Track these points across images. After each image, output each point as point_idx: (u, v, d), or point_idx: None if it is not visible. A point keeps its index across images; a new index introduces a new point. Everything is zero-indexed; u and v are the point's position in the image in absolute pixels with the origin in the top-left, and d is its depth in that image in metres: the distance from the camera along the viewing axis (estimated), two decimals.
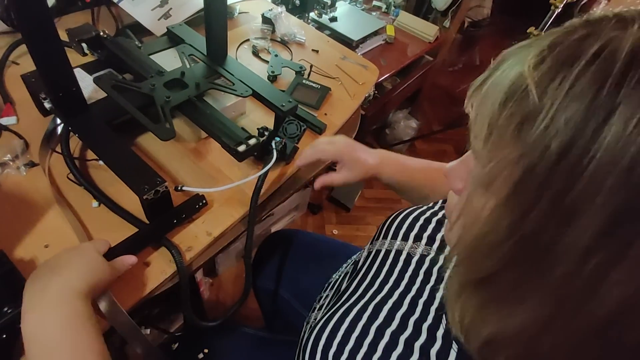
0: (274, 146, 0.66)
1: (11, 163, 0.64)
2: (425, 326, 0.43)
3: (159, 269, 0.58)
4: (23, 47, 0.82)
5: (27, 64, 0.80)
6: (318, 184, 0.68)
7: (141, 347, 0.52)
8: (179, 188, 0.60)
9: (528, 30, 1.22)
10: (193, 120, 0.67)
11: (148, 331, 0.80)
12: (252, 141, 0.63)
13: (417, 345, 0.41)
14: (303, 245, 0.92)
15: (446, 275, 0.50)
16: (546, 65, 0.25)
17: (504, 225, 0.26)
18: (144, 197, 0.55)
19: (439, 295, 0.46)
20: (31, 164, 0.65)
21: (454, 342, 0.40)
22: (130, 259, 0.54)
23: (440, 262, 0.50)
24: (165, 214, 0.60)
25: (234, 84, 0.73)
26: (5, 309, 0.45)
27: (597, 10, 0.27)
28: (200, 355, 0.72)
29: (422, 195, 0.70)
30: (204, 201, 0.64)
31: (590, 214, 0.22)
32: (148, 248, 0.60)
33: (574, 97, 0.23)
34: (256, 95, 0.74)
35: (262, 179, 0.63)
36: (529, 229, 0.25)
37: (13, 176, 0.64)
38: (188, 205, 0.62)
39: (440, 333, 0.42)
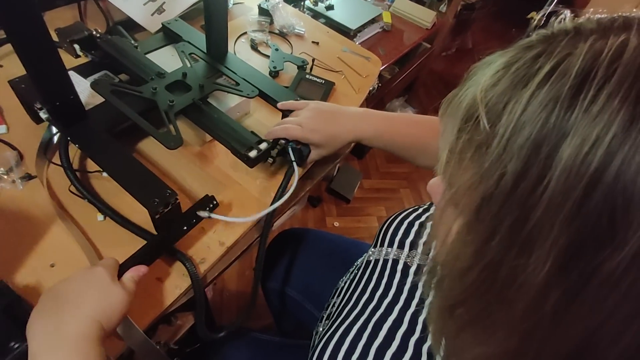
0: (292, 156, 0.62)
1: (5, 177, 0.60)
2: (425, 348, 0.42)
3: (173, 284, 0.56)
4: (6, 47, 0.76)
5: (12, 66, 0.75)
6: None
7: None
8: (208, 216, 0.57)
9: (529, 16, 1.20)
10: (199, 124, 0.63)
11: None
12: (263, 145, 0.60)
13: None
14: (312, 245, 0.91)
15: (419, 247, 0.50)
16: (499, 89, 0.24)
17: (469, 252, 0.26)
18: (155, 212, 0.52)
19: None
20: (28, 177, 0.61)
21: None
22: (139, 271, 0.50)
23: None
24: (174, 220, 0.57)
25: (238, 84, 0.69)
26: (12, 344, 0.42)
27: (562, 20, 0.26)
28: None
29: (411, 156, 0.67)
30: (215, 202, 0.60)
31: (547, 245, 0.21)
32: (160, 263, 0.57)
33: (526, 121, 0.22)
34: (261, 95, 0.70)
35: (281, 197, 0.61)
36: (490, 258, 0.24)
37: (8, 191, 0.60)
38: (198, 208, 0.59)
39: (443, 355, 0.41)
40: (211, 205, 0.60)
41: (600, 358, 0.23)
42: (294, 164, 0.62)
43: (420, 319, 0.45)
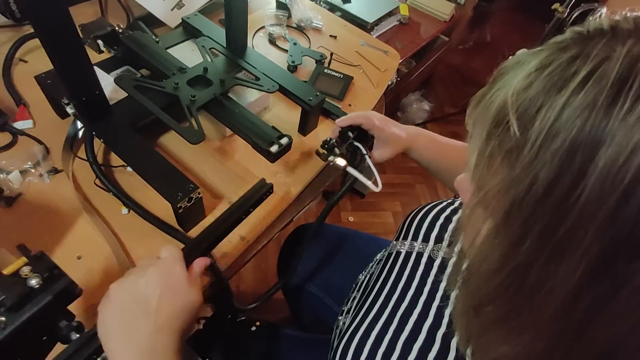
0: (362, 150, 0.63)
1: (33, 170, 0.62)
2: (453, 343, 0.41)
3: None
4: (30, 43, 0.78)
5: (36, 61, 0.76)
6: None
7: None
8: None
9: (553, 7, 1.16)
10: (220, 119, 0.63)
11: None
12: (284, 140, 0.60)
13: None
14: (329, 239, 0.91)
15: (445, 240, 0.50)
16: (531, 93, 0.23)
17: (497, 254, 0.26)
18: (178, 206, 0.53)
19: None
20: (54, 171, 0.62)
21: None
22: (205, 263, 0.48)
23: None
24: (237, 205, 0.56)
25: (258, 79, 0.69)
26: (61, 324, 0.41)
27: (598, 17, 0.25)
28: None
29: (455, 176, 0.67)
30: (271, 189, 0.60)
31: (579, 253, 0.21)
32: None
33: (560, 128, 0.21)
34: (281, 90, 0.70)
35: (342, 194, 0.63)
36: (518, 263, 0.24)
37: (36, 184, 0.61)
38: (255, 193, 0.58)
39: (469, 351, 0.39)
40: (267, 193, 0.61)
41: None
42: (366, 156, 0.63)
43: (447, 313, 0.44)
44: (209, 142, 0.72)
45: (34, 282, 0.38)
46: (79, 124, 0.65)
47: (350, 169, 0.59)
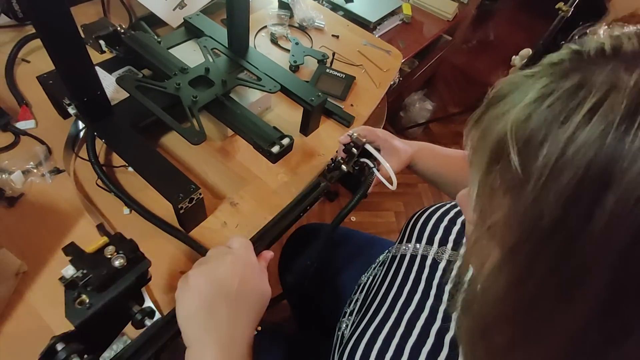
0: (371, 164, 0.62)
1: (35, 170, 0.62)
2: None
3: None
4: (32, 43, 0.78)
5: (39, 61, 0.77)
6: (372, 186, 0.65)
7: None
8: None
9: (557, 6, 1.15)
10: (221, 120, 0.63)
11: None
12: (286, 141, 0.60)
13: None
14: (331, 240, 0.90)
15: (449, 242, 0.50)
16: (532, 124, 0.22)
17: (502, 284, 0.25)
18: (179, 206, 0.53)
19: None
20: (56, 171, 0.62)
21: None
22: (270, 255, 0.49)
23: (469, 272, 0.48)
24: (297, 201, 0.56)
25: (260, 79, 0.69)
26: (134, 309, 0.41)
27: (595, 36, 0.23)
28: None
29: (460, 188, 0.67)
30: (328, 188, 0.60)
31: (587, 293, 0.21)
32: (182, 257, 0.58)
33: (565, 165, 0.20)
34: (283, 90, 0.70)
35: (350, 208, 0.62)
36: (525, 295, 0.24)
37: (38, 184, 0.61)
38: (313, 190, 0.58)
39: None
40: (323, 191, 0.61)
41: None
42: (374, 169, 0.62)
43: (454, 316, 0.44)
44: (211, 143, 0.72)
45: (117, 263, 0.38)
46: (81, 124, 0.65)
47: (368, 147, 0.59)
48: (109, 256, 0.38)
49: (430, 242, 0.54)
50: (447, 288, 0.47)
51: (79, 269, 0.37)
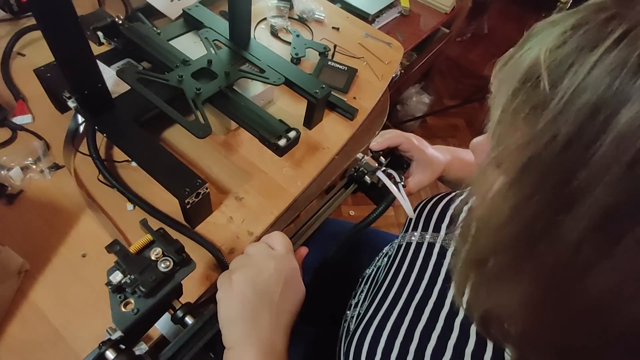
0: (397, 178, 0.57)
1: (33, 167, 0.60)
2: (472, 329, 0.41)
3: (203, 275, 0.56)
4: (27, 36, 0.75)
5: (34, 54, 0.74)
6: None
7: None
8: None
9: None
10: (226, 112, 0.62)
11: None
12: (292, 134, 0.59)
13: (468, 351, 0.39)
14: (332, 233, 0.90)
15: (457, 229, 0.49)
16: (564, 51, 0.24)
17: (506, 208, 0.26)
18: (186, 202, 0.52)
19: None
20: (56, 167, 0.61)
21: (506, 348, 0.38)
22: (305, 252, 0.49)
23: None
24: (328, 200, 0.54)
25: (264, 71, 0.68)
26: (175, 304, 0.42)
27: None
28: None
29: None
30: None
31: (586, 206, 0.22)
32: (188, 252, 0.56)
33: (589, 85, 0.22)
34: (287, 82, 0.69)
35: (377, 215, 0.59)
36: (528, 214, 0.25)
37: (37, 181, 0.59)
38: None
39: (465, 303, 0.39)
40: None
41: (616, 312, 0.24)
42: (400, 185, 0.57)
43: (463, 300, 0.44)
44: (213, 136, 0.70)
45: (164, 266, 0.38)
46: (80, 118, 0.64)
47: (381, 176, 0.54)
48: (155, 258, 0.38)
49: (437, 229, 0.54)
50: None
51: (126, 273, 0.37)
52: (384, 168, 0.57)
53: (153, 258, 0.38)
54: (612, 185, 0.21)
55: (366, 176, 0.56)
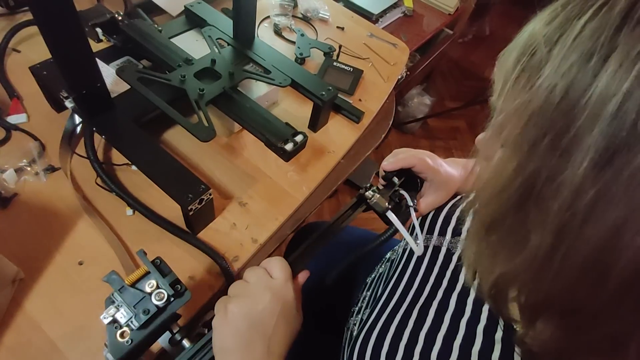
0: (409, 201, 0.54)
1: (28, 168, 0.58)
2: (479, 328, 0.40)
3: (206, 284, 0.53)
4: (23, 32, 0.73)
5: (30, 51, 0.72)
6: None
7: None
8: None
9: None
10: (230, 115, 0.60)
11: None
12: (299, 138, 0.57)
13: (475, 351, 0.38)
14: (335, 239, 0.88)
15: (463, 233, 0.50)
16: (556, 23, 0.27)
17: (511, 167, 0.28)
18: (189, 208, 0.49)
19: None
20: (51, 169, 0.58)
21: (516, 346, 0.37)
22: (306, 276, 0.49)
23: None
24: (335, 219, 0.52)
25: (269, 72, 0.66)
26: (174, 333, 0.43)
27: None
28: None
29: None
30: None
31: (585, 148, 0.24)
32: (191, 260, 0.55)
33: (579, 44, 0.25)
34: (292, 84, 0.67)
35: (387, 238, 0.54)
36: (532, 168, 0.27)
37: (32, 183, 0.57)
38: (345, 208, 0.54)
39: (499, 336, 0.39)
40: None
41: (623, 250, 0.25)
42: (411, 209, 0.53)
43: (470, 300, 0.43)
44: (216, 139, 0.67)
45: (159, 299, 0.39)
46: (77, 118, 0.61)
47: (392, 217, 0.51)
48: (150, 291, 0.39)
49: (442, 233, 0.53)
50: (462, 276, 0.46)
51: (120, 306, 0.38)
52: (393, 204, 0.54)
53: (148, 290, 0.39)
54: (606, 126, 0.23)
55: (372, 199, 0.53)
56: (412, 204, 0.53)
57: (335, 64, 0.84)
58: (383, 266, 0.69)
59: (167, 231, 0.54)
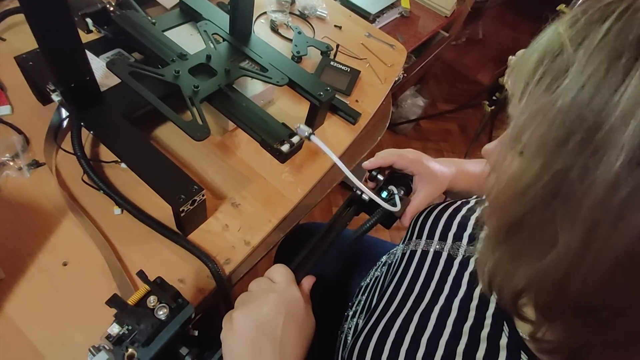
0: (397, 196, 0.54)
1: (11, 163, 0.55)
2: (483, 334, 0.39)
3: (196, 287, 0.52)
4: (9, 20, 0.70)
5: (15, 40, 0.69)
6: (407, 219, 0.58)
7: None
8: None
9: (558, 8, 1.15)
10: (225, 113, 0.58)
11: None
12: (296, 139, 0.55)
13: (479, 357, 0.38)
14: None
15: (464, 238, 0.49)
16: (579, 26, 0.27)
17: (535, 167, 0.28)
18: (180, 209, 0.48)
19: (493, 299, 0.42)
20: (35, 164, 0.56)
21: (522, 352, 0.36)
22: (311, 281, 0.47)
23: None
24: (333, 221, 0.51)
25: (265, 70, 0.64)
26: (182, 351, 0.41)
27: None
28: None
29: None
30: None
31: (619, 146, 0.24)
32: (181, 263, 0.53)
33: (605, 45, 0.25)
34: (289, 83, 0.65)
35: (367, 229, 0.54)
36: (560, 166, 0.26)
37: (15, 179, 0.54)
38: (343, 211, 0.53)
39: (503, 342, 0.38)
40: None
41: None
42: (396, 196, 0.53)
43: (473, 305, 0.42)
44: (209, 137, 0.66)
45: (161, 313, 0.38)
46: (64, 112, 0.59)
47: (371, 196, 0.50)
48: (152, 307, 0.38)
49: (443, 238, 0.52)
50: (464, 281, 0.45)
51: (124, 324, 0.37)
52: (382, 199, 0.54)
53: (150, 307, 0.39)
54: None
55: (363, 195, 0.53)
56: (396, 192, 0.53)
57: (332, 63, 0.83)
58: (379, 270, 0.68)
59: (156, 232, 0.52)
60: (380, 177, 0.56)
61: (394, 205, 0.52)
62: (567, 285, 0.29)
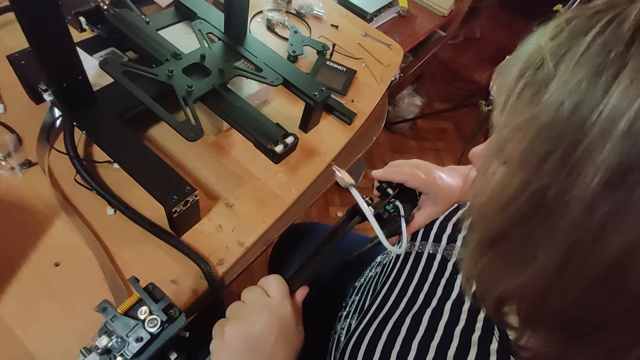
0: (402, 211, 0.52)
1: (3, 163, 0.55)
2: (474, 338, 0.39)
3: (189, 288, 0.52)
4: (1, 18, 0.69)
5: (9, 38, 0.68)
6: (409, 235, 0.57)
7: None
8: None
9: (555, 8, 1.15)
10: (219, 113, 0.58)
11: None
12: (290, 140, 0.55)
13: None
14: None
15: (459, 240, 0.49)
16: (562, 38, 0.27)
17: (516, 182, 0.28)
18: (173, 210, 0.47)
19: None
20: (28, 164, 0.55)
21: (511, 357, 0.36)
22: (305, 292, 0.47)
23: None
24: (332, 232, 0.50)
25: (260, 70, 0.64)
26: (171, 356, 0.41)
27: None
28: None
29: None
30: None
31: (596, 166, 0.24)
32: (174, 264, 0.53)
33: (587, 60, 0.25)
34: (284, 83, 0.65)
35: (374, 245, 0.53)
36: (540, 183, 0.26)
37: (7, 179, 0.54)
38: (344, 223, 0.51)
39: (494, 347, 0.38)
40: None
41: (637, 269, 0.25)
42: (402, 219, 0.51)
43: (465, 308, 0.42)
44: (203, 137, 0.65)
45: (152, 326, 0.37)
46: (57, 111, 0.58)
47: (369, 215, 0.48)
48: (143, 318, 0.37)
49: (438, 239, 0.52)
50: (457, 284, 0.45)
51: (112, 335, 0.37)
52: (387, 215, 0.53)
53: (141, 318, 0.38)
54: (617, 144, 0.23)
55: (370, 207, 0.52)
56: (403, 214, 0.51)
57: (328, 63, 0.82)
58: (373, 270, 0.68)
59: (149, 232, 0.52)
60: (389, 190, 0.54)
61: (398, 228, 0.51)
62: (547, 298, 0.29)
